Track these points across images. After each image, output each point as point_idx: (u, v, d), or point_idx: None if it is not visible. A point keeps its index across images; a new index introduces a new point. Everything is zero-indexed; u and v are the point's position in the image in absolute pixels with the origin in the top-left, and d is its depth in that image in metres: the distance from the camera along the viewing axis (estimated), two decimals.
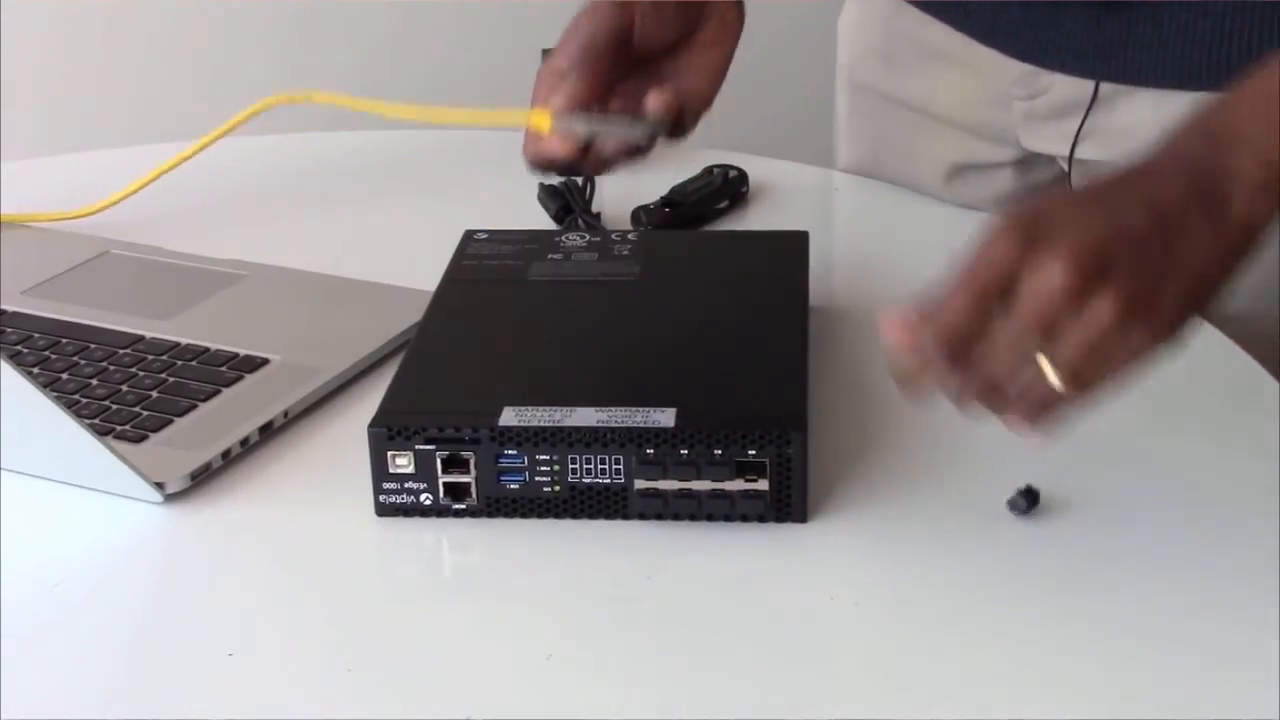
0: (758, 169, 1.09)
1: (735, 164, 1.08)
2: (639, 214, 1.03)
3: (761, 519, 0.71)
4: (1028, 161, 1.03)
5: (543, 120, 0.78)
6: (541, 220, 1.03)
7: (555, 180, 1.04)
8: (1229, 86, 0.69)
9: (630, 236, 0.90)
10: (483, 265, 0.87)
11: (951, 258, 0.62)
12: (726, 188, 1.06)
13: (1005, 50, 0.97)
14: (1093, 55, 0.93)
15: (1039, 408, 0.63)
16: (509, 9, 1.88)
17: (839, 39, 1.13)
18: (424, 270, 0.88)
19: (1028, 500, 0.72)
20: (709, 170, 1.07)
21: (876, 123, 1.09)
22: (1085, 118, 0.95)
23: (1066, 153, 0.98)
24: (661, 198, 1.04)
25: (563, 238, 0.90)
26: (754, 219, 1.05)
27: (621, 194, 1.08)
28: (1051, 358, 0.62)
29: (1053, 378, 0.61)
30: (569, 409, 0.72)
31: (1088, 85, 0.94)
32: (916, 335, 0.62)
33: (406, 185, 1.12)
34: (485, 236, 0.90)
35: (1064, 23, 0.93)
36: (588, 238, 0.89)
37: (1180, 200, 0.64)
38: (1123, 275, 0.61)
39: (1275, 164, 0.67)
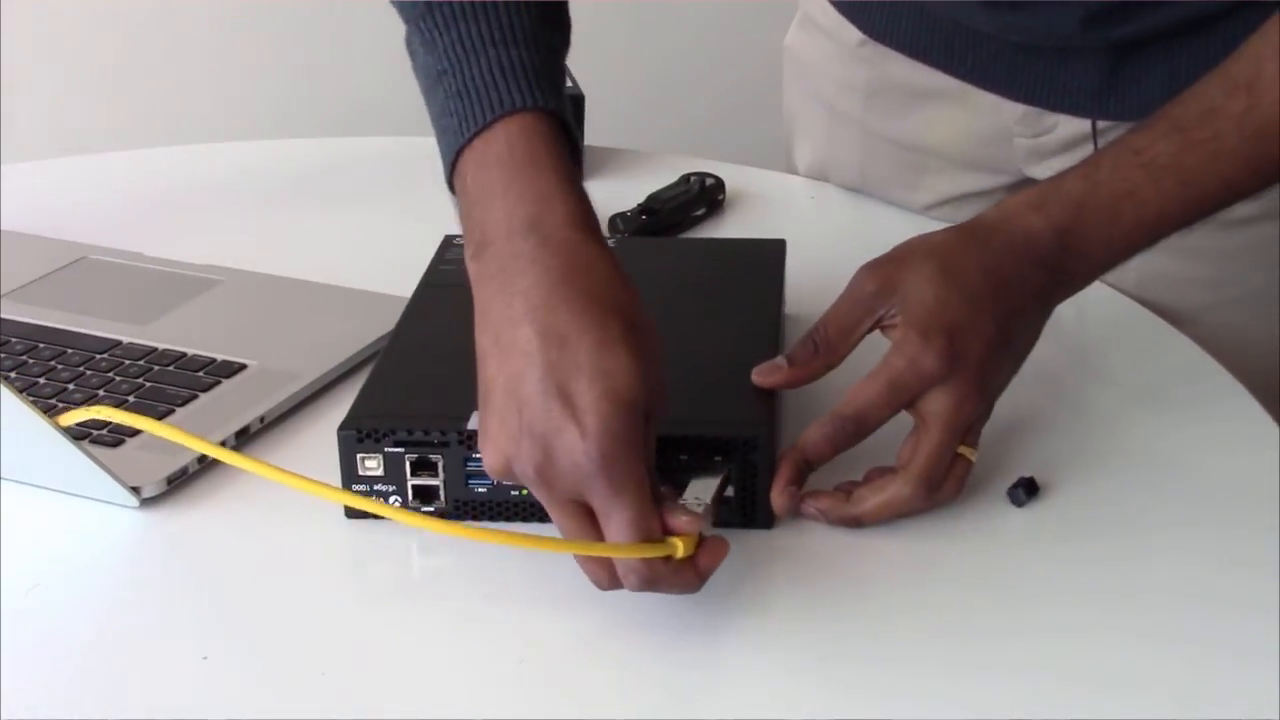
0: (735, 177, 1.09)
1: (713, 172, 1.09)
2: (616, 221, 1.04)
3: (728, 524, 0.72)
4: (1028, 183, 1.04)
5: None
6: None
7: None
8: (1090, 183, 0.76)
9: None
10: (460, 270, 0.87)
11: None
12: (704, 195, 1.07)
13: (1008, 94, 0.96)
14: (1107, 95, 0.92)
15: (961, 479, 0.74)
16: None
17: (786, 57, 1.11)
18: (403, 276, 0.89)
19: (1027, 491, 0.74)
20: (687, 178, 1.08)
21: (862, 153, 1.07)
22: (1096, 146, 0.94)
23: None
24: (639, 205, 1.05)
25: None
26: (731, 227, 1.06)
27: (599, 201, 1.08)
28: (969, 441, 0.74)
29: (968, 454, 0.74)
30: None
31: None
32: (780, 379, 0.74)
33: (387, 191, 1.12)
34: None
35: (1075, 66, 0.92)
36: None
37: (1037, 302, 0.76)
38: (989, 379, 0.74)
39: (1100, 271, 0.78)
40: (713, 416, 0.73)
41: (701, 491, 0.69)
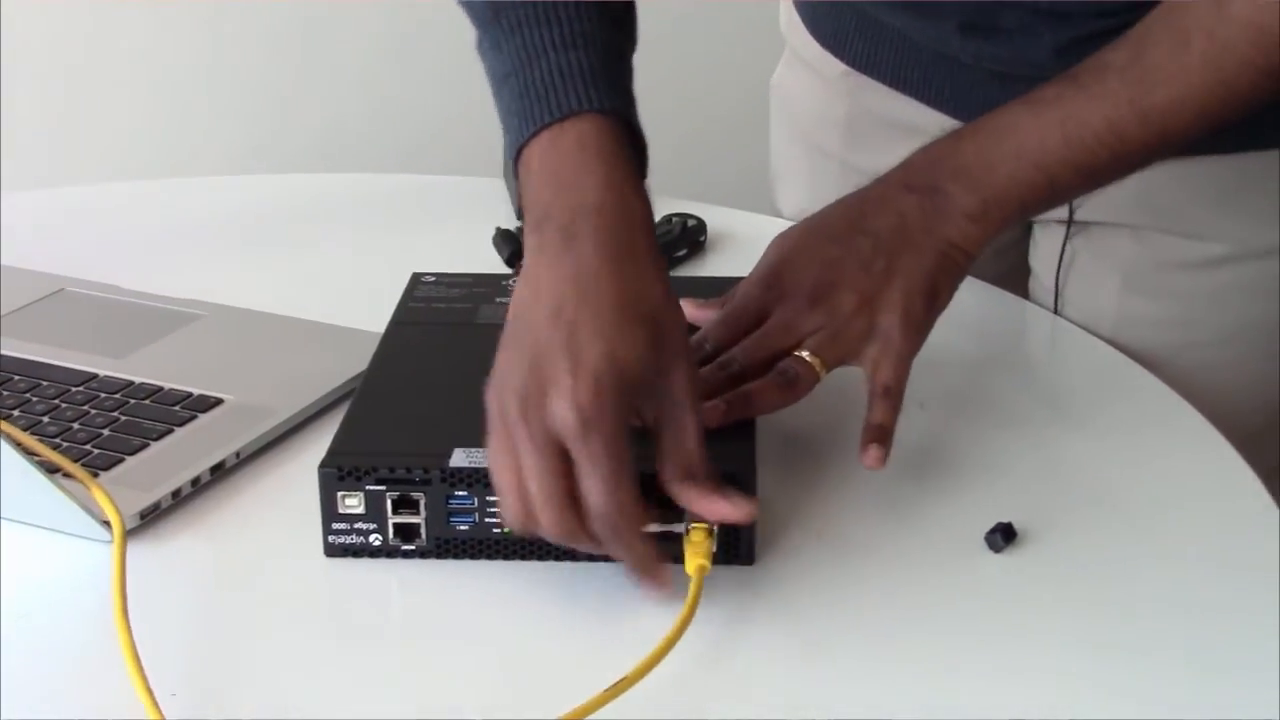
0: (716, 218, 1.09)
1: (694, 213, 1.09)
2: None
3: (711, 561, 0.71)
4: None
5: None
6: (496, 264, 1.03)
7: (512, 226, 1.05)
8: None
9: None
10: (430, 308, 0.88)
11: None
12: (685, 236, 1.07)
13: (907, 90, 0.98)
14: None
15: (785, 382, 0.76)
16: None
17: (773, 95, 1.12)
18: (382, 312, 0.88)
19: (1004, 537, 0.74)
20: (668, 218, 1.08)
21: (841, 190, 1.07)
22: None
23: (1065, 215, 0.98)
24: None
25: (510, 281, 0.90)
26: (712, 267, 1.06)
27: None
28: (806, 348, 0.77)
29: (807, 355, 0.76)
30: None
31: None
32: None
33: (365, 227, 1.12)
34: (433, 279, 0.91)
35: None
36: None
37: (903, 222, 0.78)
38: (849, 289, 0.77)
39: (987, 199, 0.78)
40: None
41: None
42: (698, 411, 0.70)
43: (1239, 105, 0.79)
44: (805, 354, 0.76)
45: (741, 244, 1.09)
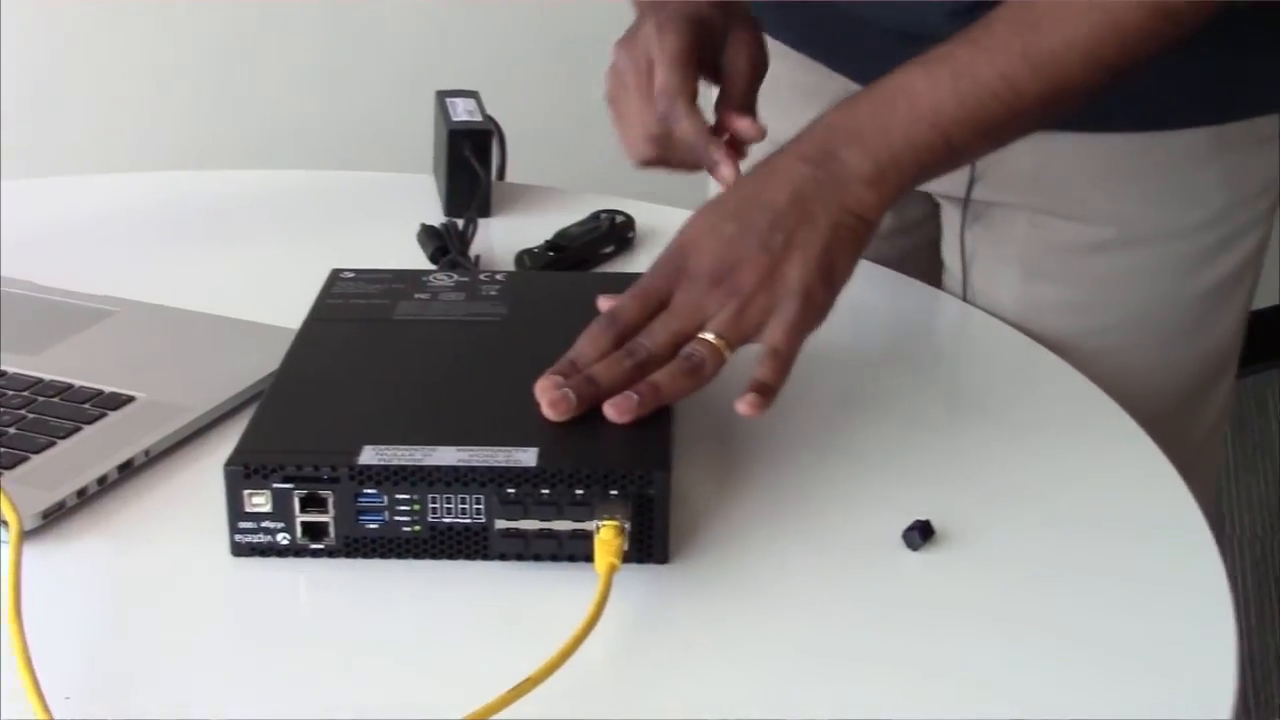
0: (645, 215, 1.09)
1: (623, 209, 1.08)
2: (523, 257, 1.03)
3: (623, 559, 0.70)
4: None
5: None
6: (420, 260, 1.02)
7: (438, 222, 1.04)
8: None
9: (498, 277, 0.89)
10: (348, 304, 0.86)
11: None
12: (613, 233, 1.06)
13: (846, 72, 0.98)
14: None
15: (691, 367, 0.76)
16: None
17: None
18: (303, 309, 0.87)
19: (922, 535, 0.73)
20: (596, 215, 1.07)
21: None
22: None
23: (962, 195, 0.99)
24: (546, 241, 1.04)
25: (430, 277, 0.89)
26: (640, 264, 1.04)
27: (507, 237, 1.07)
28: (710, 329, 0.77)
29: (711, 338, 0.76)
30: (430, 448, 0.71)
31: None
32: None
33: (287, 224, 1.11)
34: (352, 276, 0.89)
35: None
36: (455, 278, 0.89)
37: (798, 194, 0.78)
38: (749, 267, 0.77)
39: (883, 163, 0.78)
40: (610, 451, 0.72)
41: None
42: None
43: (1133, 47, 0.79)
44: (710, 335, 0.76)
45: (669, 239, 1.08)
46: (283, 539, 0.72)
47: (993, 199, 0.98)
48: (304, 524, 0.71)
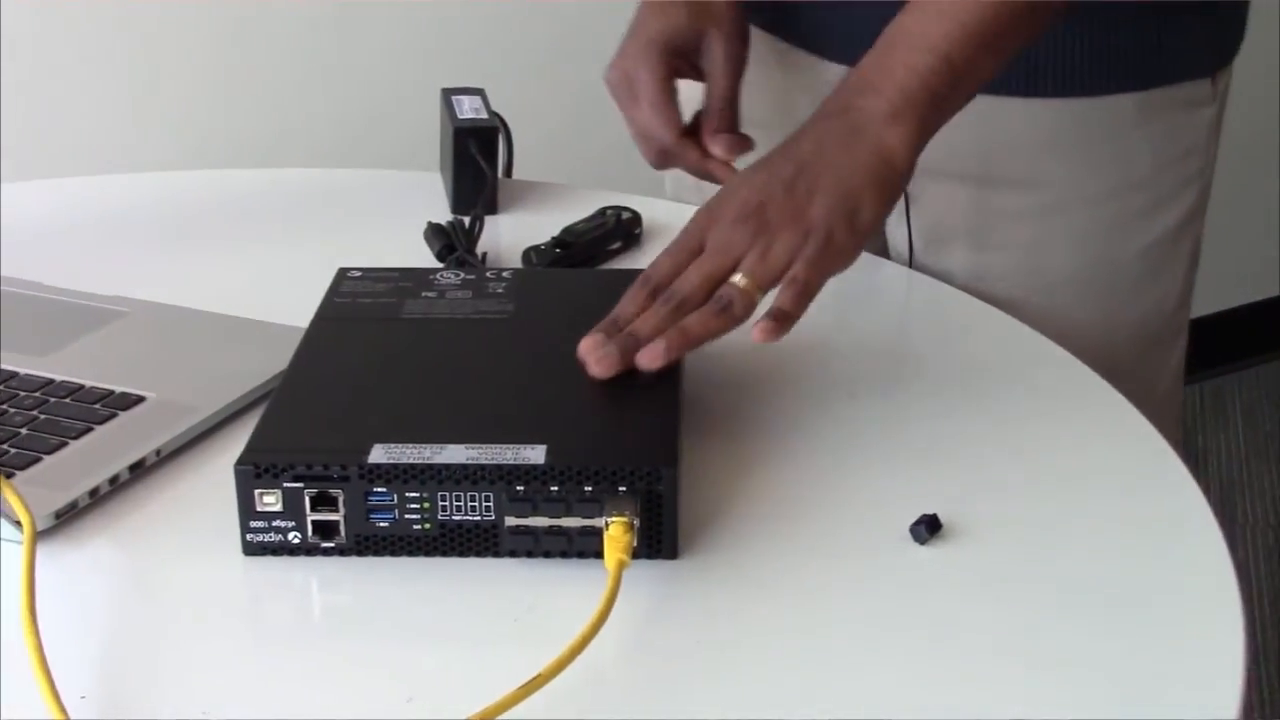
0: (652, 210, 1.09)
1: (630, 205, 1.08)
2: (530, 254, 1.03)
3: (632, 556, 0.70)
4: None
5: None
6: (427, 259, 1.02)
7: (444, 220, 1.04)
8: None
9: (505, 275, 0.90)
10: (356, 303, 0.87)
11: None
12: (620, 229, 1.06)
13: (829, 55, 1.01)
14: None
15: (720, 308, 0.78)
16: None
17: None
18: (311, 308, 0.87)
19: (929, 529, 0.73)
20: (602, 211, 1.07)
21: None
22: None
23: None
24: (553, 238, 1.04)
25: (437, 276, 0.89)
26: (647, 260, 1.04)
27: (514, 234, 1.08)
28: (740, 270, 0.79)
29: (740, 280, 0.79)
30: (439, 446, 0.71)
31: None
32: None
33: (293, 223, 1.11)
34: (359, 274, 0.90)
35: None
36: (462, 276, 0.89)
37: (821, 143, 0.82)
38: (775, 207, 0.80)
39: (894, 100, 0.82)
40: (619, 448, 0.72)
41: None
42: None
43: None
44: (739, 278, 0.78)
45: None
46: (294, 538, 0.72)
47: (934, 167, 0.99)
48: (315, 523, 0.72)
